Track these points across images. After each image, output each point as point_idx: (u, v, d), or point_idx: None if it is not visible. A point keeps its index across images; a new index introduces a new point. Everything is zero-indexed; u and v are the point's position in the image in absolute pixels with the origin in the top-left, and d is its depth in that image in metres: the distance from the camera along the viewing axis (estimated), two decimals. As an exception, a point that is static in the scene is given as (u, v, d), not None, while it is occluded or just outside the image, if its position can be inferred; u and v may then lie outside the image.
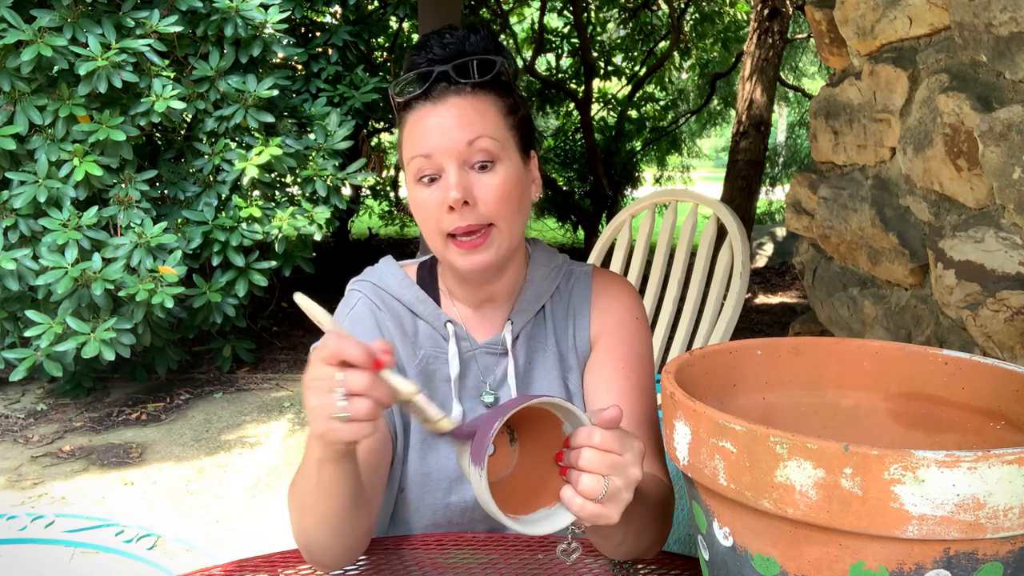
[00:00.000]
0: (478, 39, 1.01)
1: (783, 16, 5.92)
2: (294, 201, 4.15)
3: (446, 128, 0.97)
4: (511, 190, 0.99)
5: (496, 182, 0.98)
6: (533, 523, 0.76)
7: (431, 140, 0.97)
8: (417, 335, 1.08)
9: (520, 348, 1.08)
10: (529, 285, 1.09)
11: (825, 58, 2.21)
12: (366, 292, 1.09)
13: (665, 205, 2.32)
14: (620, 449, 0.74)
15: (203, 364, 4.55)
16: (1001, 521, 0.54)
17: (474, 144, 0.97)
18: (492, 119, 0.99)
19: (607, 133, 8.82)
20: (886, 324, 1.82)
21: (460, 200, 0.95)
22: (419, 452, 1.05)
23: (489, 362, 1.08)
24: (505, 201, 0.98)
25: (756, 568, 0.62)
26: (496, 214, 0.98)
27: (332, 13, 5.26)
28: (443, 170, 0.97)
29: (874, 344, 0.82)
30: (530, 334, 1.09)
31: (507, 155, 0.99)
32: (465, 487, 1.06)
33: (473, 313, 1.09)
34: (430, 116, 0.98)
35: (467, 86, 0.99)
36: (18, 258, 3.33)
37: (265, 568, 0.94)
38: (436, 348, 1.07)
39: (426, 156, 0.97)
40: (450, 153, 0.96)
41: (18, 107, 3.44)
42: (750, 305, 6.02)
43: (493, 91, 1.01)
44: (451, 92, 0.98)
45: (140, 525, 1.43)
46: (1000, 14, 1.40)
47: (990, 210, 1.48)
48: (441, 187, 0.97)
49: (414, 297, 1.08)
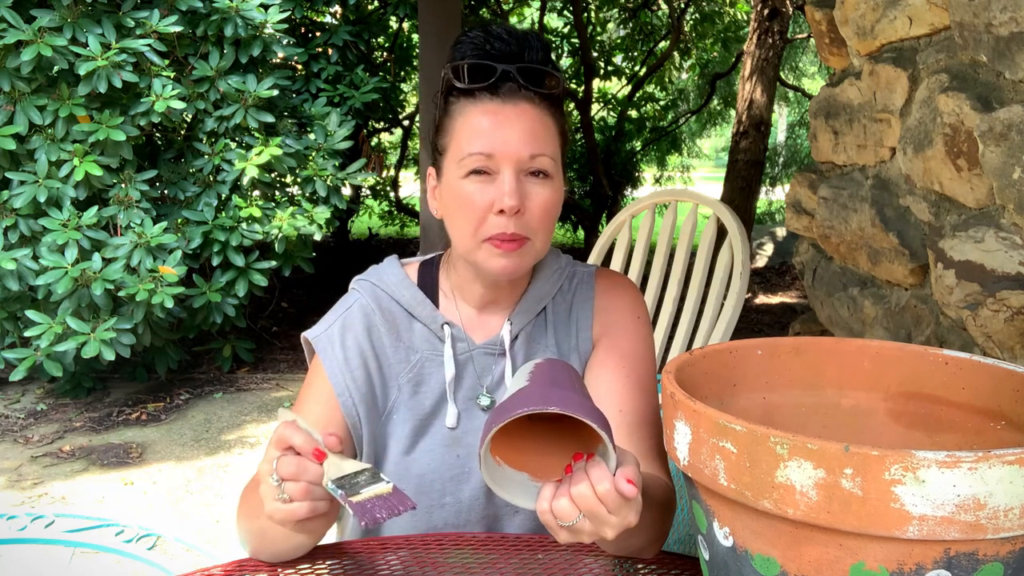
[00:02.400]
0: (538, 46, 1.00)
1: (783, 16, 5.92)
2: (294, 201, 4.15)
3: (513, 132, 0.97)
4: (556, 208, 1.01)
5: (547, 196, 0.99)
6: (505, 483, 0.78)
7: (495, 141, 0.96)
8: (413, 338, 1.07)
9: (519, 349, 1.08)
10: (532, 286, 1.09)
11: (825, 58, 2.21)
12: (364, 292, 1.09)
13: (665, 205, 2.32)
14: (614, 510, 0.75)
15: (203, 364, 4.55)
16: (1001, 521, 0.54)
17: (536, 159, 0.97)
18: (552, 137, 1.00)
19: (607, 133, 8.82)
20: (886, 324, 1.82)
21: (515, 208, 0.95)
22: (409, 455, 1.06)
23: (487, 363, 1.07)
24: (549, 216, 1.00)
25: (756, 568, 0.62)
26: (539, 227, 0.99)
27: (332, 13, 5.26)
28: (499, 172, 0.97)
29: (874, 344, 0.82)
30: (530, 335, 1.09)
31: (557, 174, 1.01)
32: (459, 487, 1.06)
33: (474, 314, 1.09)
34: (498, 114, 0.97)
35: (536, 95, 0.99)
36: (18, 258, 3.33)
37: (265, 568, 0.94)
38: (432, 351, 1.07)
39: (488, 155, 0.96)
40: (512, 159, 0.96)
41: (18, 107, 3.43)
42: (750, 305, 6.02)
43: (555, 107, 1.02)
44: (521, 96, 0.98)
45: (140, 525, 1.43)
46: (1000, 14, 1.40)
47: (990, 210, 1.48)
48: (495, 188, 0.97)
49: (412, 298, 1.07)
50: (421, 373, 1.06)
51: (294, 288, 5.60)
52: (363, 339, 1.06)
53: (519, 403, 0.72)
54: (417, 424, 1.06)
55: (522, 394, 0.75)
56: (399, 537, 1.02)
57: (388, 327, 1.07)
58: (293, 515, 0.82)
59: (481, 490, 1.06)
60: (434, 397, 1.07)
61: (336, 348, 1.06)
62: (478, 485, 1.06)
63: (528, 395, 0.74)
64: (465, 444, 1.07)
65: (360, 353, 1.06)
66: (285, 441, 0.83)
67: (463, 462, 1.06)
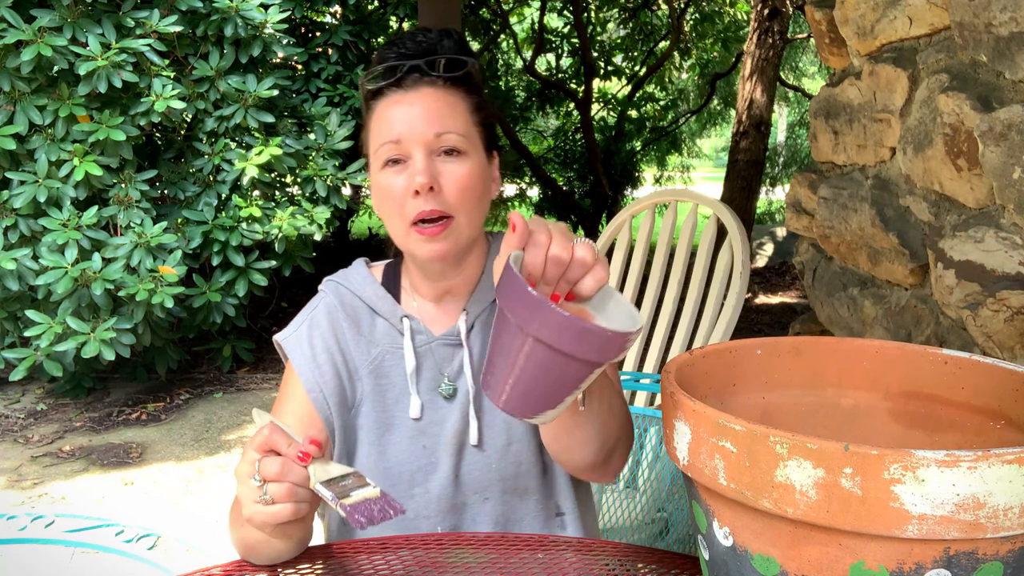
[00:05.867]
0: (451, 42, 1.05)
1: (783, 16, 5.92)
2: (294, 201, 4.15)
3: (416, 116, 1.00)
4: (475, 182, 1.02)
5: (462, 172, 1.00)
6: (603, 317, 0.75)
7: (400, 126, 1.00)
8: (374, 333, 1.10)
9: (475, 338, 1.10)
10: (486, 275, 1.11)
11: (825, 58, 2.21)
12: (329, 292, 1.13)
13: (665, 205, 2.32)
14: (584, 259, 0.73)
15: (203, 364, 4.55)
16: (1001, 521, 0.54)
17: (442, 137, 1.00)
18: (461, 114, 1.03)
19: (607, 133, 8.82)
20: (886, 324, 1.82)
21: (427, 185, 0.97)
22: (377, 448, 1.08)
23: (446, 354, 1.10)
24: (468, 191, 1.01)
25: (756, 568, 0.62)
26: (458, 204, 1.00)
27: (332, 13, 5.26)
28: (410, 156, 1.00)
29: (874, 344, 0.82)
30: (485, 323, 1.10)
31: (473, 150, 1.03)
32: (427, 478, 1.08)
33: (433, 307, 1.11)
34: (401, 103, 1.01)
35: (438, 79, 1.03)
36: (18, 258, 3.33)
37: (265, 568, 0.94)
38: (393, 344, 1.10)
39: (395, 142, 1.00)
40: (418, 140, 0.99)
41: (18, 107, 3.44)
42: (750, 305, 6.02)
43: (463, 88, 1.05)
44: (423, 83, 1.02)
45: (140, 525, 1.43)
46: (1000, 14, 1.40)
47: (990, 210, 1.48)
48: (408, 172, 0.99)
49: (374, 295, 1.11)
50: (383, 365, 1.09)
51: (294, 288, 5.59)
52: (328, 336, 1.10)
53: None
54: (382, 416, 1.09)
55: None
56: (399, 537, 1.02)
57: (350, 322, 1.11)
58: (275, 517, 0.82)
59: (449, 480, 1.08)
60: (397, 389, 1.09)
61: (304, 346, 1.10)
62: (445, 475, 1.08)
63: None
64: (430, 434, 1.09)
65: (327, 349, 1.09)
66: (268, 443, 0.82)
67: (429, 452, 1.08)
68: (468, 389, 1.08)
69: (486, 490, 1.09)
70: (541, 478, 1.10)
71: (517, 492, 1.10)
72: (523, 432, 1.09)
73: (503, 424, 1.08)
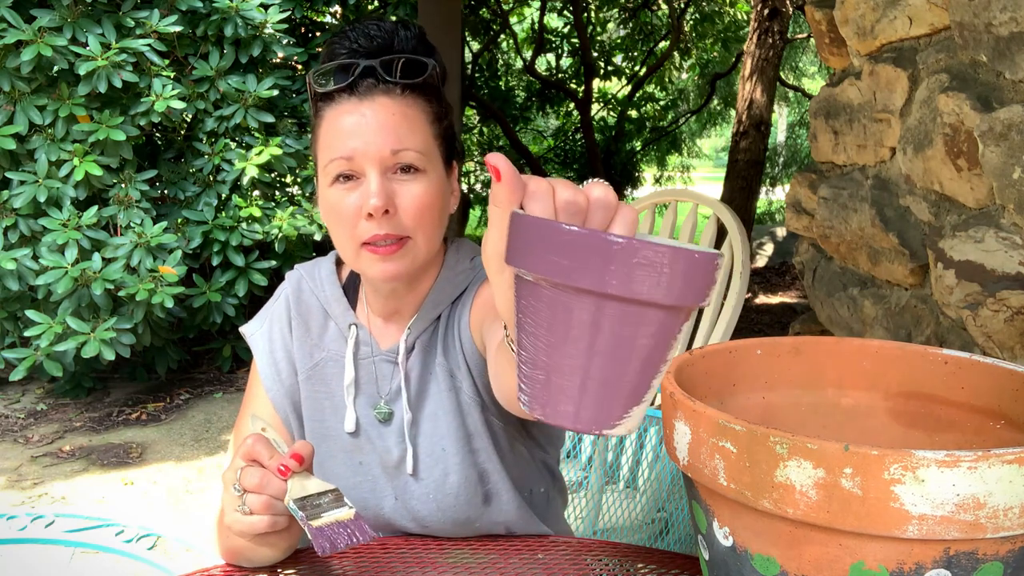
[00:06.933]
0: (408, 36, 0.95)
1: (783, 16, 5.92)
2: (294, 201, 4.16)
3: (371, 130, 0.91)
4: (432, 201, 0.94)
5: (418, 192, 0.92)
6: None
7: (354, 141, 0.91)
8: (324, 336, 1.05)
9: (415, 359, 1.02)
10: (432, 292, 1.02)
11: (825, 58, 2.21)
12: (292, 285, 1.08)
13: (665, 205, 2.32)
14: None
15: (203, 364, 4.55)
16: (1001, 521, 0.54)
17: (399, 154, 0.91)
18: (420, 128, 0.93)
19: (607, 133, 8.82)
20: (886, 324, 1.82)
21: (381, 208, 0.89)
22: (315, 457, 1.02)
23: (387, 371, 1.03)
24: (426, 212, 0.93)
25: (756, 568, 0.62)
26: (415, 226, 0.93)
27: (332, 13, 5.26)
28: (363, 174, 0.91)
29: (874, 344, 0.82)
30: (425, 344, 1.02)
31: (431, 166, 0.94)
32: (380, 502, 1.02)
33: (382, 321, 1.05)
34: (354, 114, 0.91)
35: (396, 87, 0.93)
36: (18, 258, 3.33)
37: (265, 568, 0.94)
38: (339, 352, 1.04)
39: (347, 158, 0.91)
40: (373, 158, 0.90)
41: (18, 107, 3.43)
42: (750, 305, 6.02)
43: (422, 95, 0.95)
44: (379, 91, 0.92)
45: (140, 525, 1.43)
46: (1000, 14, 1.40)
47: (990, 210, 1.48)
48: (361, 193, 0.91)
49: (331, 296, 1.06)
50: (324, 372, 1.05)
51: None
52: (286, 330, 1.07)
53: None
54: (318, 427, 1.05)
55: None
56: (400, 537, 1.02)
57: (300, 320, 1.06)
58: (252, 528, 0.82)
59: (394, 505, 1.02)
60: (336, 399, 1.04)
61: (264, 342, 1.07)
62: (391, 500, 1.02)
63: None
64: (367, 451, 1.03)
65: (284, 345, 1.06)
66: (251, 454, 0.82)
67: (366, 470, 1.03)
68: (404, 416, 1.01)
69: (427, 518, 1.02)
70: (482, 507, 1.02)
71: (458, 524, 1.02)
72: (458, 462, 1.00)
73: (440, 453, 1.00)
